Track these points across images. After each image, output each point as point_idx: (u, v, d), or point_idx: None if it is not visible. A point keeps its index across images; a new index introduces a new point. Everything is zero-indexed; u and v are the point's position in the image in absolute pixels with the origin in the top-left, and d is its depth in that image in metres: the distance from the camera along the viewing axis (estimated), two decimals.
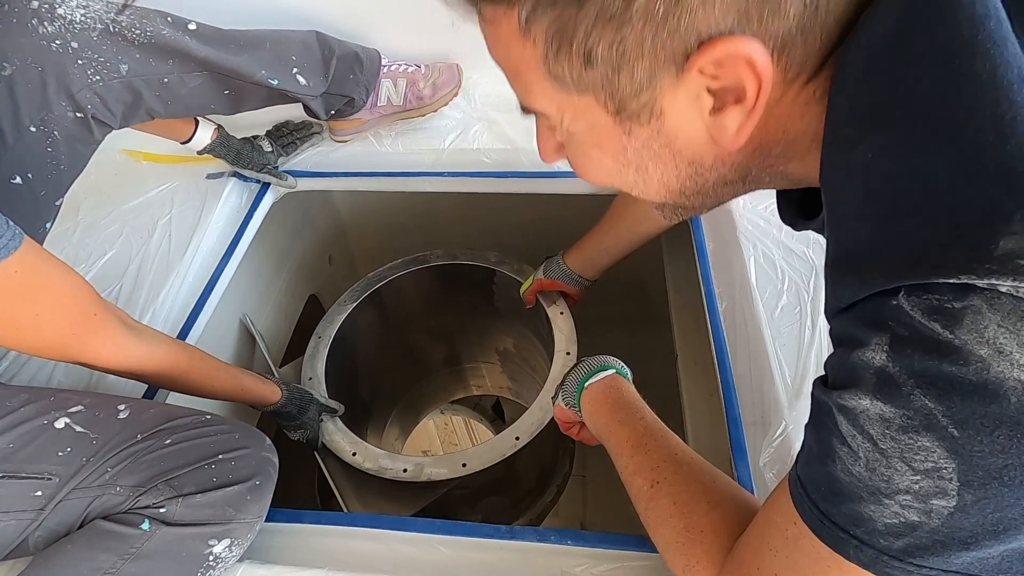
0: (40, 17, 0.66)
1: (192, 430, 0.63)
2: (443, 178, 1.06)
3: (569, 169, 1.09)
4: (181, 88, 0.76)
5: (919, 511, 0.31)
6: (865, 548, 0.34)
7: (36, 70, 0.65)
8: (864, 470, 0.32)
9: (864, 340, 0.31)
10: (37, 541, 0.57)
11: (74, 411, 0.61)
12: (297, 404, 0.87)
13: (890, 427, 0.30)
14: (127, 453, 0.59)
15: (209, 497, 0.59)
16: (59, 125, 0.68)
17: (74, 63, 0.67)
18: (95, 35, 0.68)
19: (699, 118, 0.35)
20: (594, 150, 0.40)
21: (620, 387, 0.66)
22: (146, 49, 0.72)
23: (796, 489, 0.38)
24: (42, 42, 0.65)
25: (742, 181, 0.41)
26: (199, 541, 0.58)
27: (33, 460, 0.57)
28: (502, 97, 1.12)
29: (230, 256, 1.02)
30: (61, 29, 0.66)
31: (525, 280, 1.06)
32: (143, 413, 0.63)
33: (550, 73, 0.35)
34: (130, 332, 0.64)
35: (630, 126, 0.37)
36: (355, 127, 1.04)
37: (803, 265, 0.81)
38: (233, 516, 0.60)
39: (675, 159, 0.38)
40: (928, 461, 0.30)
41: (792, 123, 0.36)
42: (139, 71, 0.71)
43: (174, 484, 0.58)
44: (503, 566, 0.62)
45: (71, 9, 0.68)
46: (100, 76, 0.69)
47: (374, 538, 0.65)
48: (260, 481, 0.62)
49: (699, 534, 0.50)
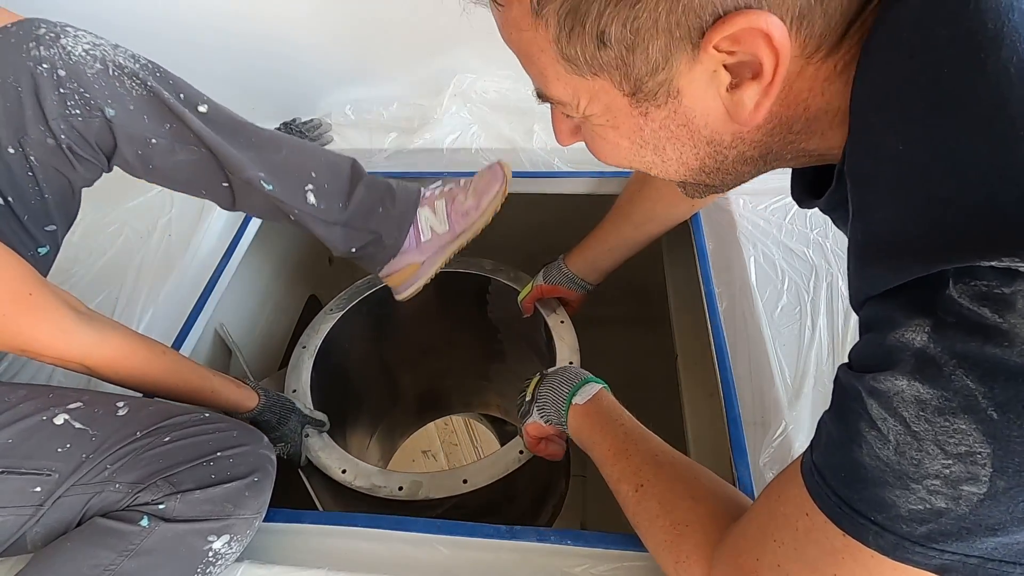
0: (39, 41, 0.64)
1: (190, 427, 0.63)
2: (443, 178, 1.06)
3: (569, 169, 1.09)
4: (169, 157, 0.70)
5: (947, 497, 0.30)
6: (886, 534, 0.33)
7: (15, 89, 0.63)
8: (893, 454, 0.31)
9: (902, 322, 0.31)
10: (35, 537, 0.57)
11: (73, 407, 0.61)
12: (276, 413, 0.81)
13: (925, 409, 0.30)
14: (126, 450, 0.59)
15: (207, 493, 0.58)
16: (36, 150, 0.65)
17: (55, 91, 0.64)
18: (91, 72, 0.65)
19: (716, 95, 0.34)
20: (610, 132, 0.40)
21: (601, 398, 0.67)
22: (143, 103, 0.68)
23: (812, 477, 0.37)
24: (29, 63, 0.63)
25: (762, 159, 0.40)
26: (198, 537, 0.58)
27: (32, 456, 0.57)
28: (502, 97, 1.13)
29: (230, 256, 1.02)
30: (54, 56, 0.64)
31: (522, 288, 1.02)
32: (142, 410, 0.63)
33: (563, 56, 0.35)
34: (76, 318, 0.60)
35: (646, 107, 0.36)
36: (412, 275, 0.87)
37: (803, 265, 0.81)
38: (232, 512, 0.59)
39: (693, 138, 0.38)
40: (963, 445, 0.29)
41: (813, 99, 0.35)
42: (125, 122, 0.67)
43: (172, 481, 0.58)
44: (503, 566, 0.62)
45: (75, 42, 0.66)
46: (80, 111, 0.65)
47: (374, 538, 0.65)
48: (259, 478, 0.62)
49: (685, 529, 0.50)
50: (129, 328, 0.67)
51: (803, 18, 0.31)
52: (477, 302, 1.17)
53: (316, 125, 1.12)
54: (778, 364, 0.72)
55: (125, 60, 0.68)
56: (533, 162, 1.03)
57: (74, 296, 0.64)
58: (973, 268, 0.28)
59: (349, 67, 1.14)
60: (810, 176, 0.45)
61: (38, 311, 0.57)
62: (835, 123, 0.36)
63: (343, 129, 1.15)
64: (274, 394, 0.83)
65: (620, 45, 0.33)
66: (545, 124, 1.06)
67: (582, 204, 1.03)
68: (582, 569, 0.60)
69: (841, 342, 0.73)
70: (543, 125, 1.06)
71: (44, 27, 0.65)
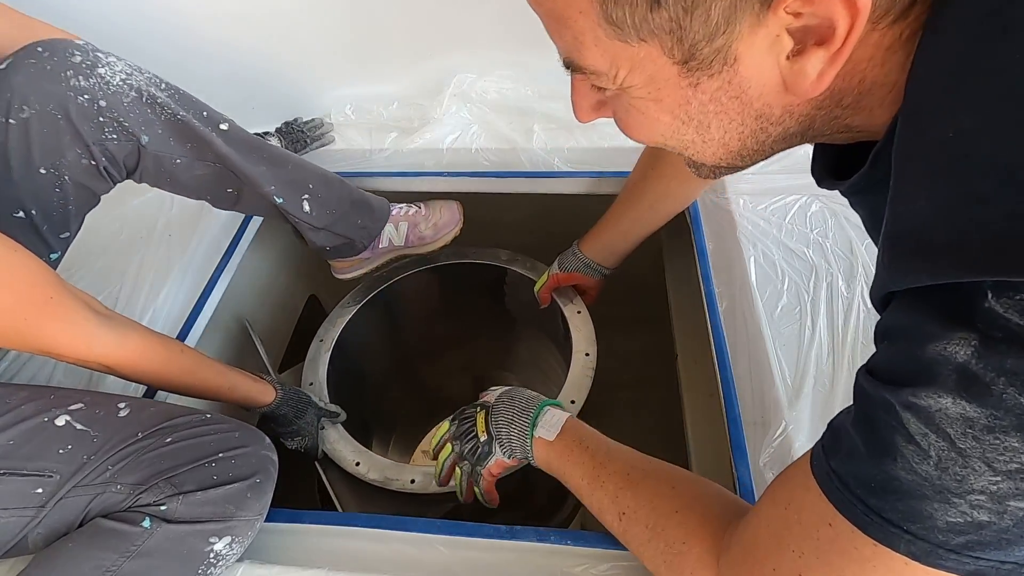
0: (77, 70, 0.67)
1: (192, 428, 0.63)
2: (443, 178, 1.06)
3: (569, 169, 1.09)
4: (188, 172, 0.77)
5: (991, 511, 0.29)
6: (919, 542, 0.32)
7: (55, 117, 0.66)
8: (933, 469, 0.30)
9: (939, 335, 0.29)
10: (36, 539, 0.57)
11: (74, 409, 0.61)
12: (293, 407, 0.83)
13: (973, 427, 0.28)
14: (127, 451, 0.59)
15: (209, 495, 0.59)
16: (71, 170, 0.69)
17: (95, 119, 0.68)
18: (127, 100, 0.70)
19: (775, 64, 0.32)
20: (651, 106, 0.36)
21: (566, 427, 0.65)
22: (170, 127, 0.73)
23: (832, 485, 0.36)
24: (69, 93, 0.66)
25: (802, 135, 0.38)
26: (200, 539, 0.58)
27: (34, 457, 0.57)
28: (502, 97, 1.13)
29: (230, 256, 1.02)
30: (94, 86, 0.68)
31: (539, 278, 1.00)
32: (143, 411, 0.63)
33: (607, 18, 0.31)
34: (96, 319, 0.60)
35: (698, 77, 0.33)
36: (355, 265, 1.02)
37: (803, 265, 0.81)
38: (234, 513, 0.60)
39: (743, 112, 0.35)
40: (1014, 462, 0.28)
41: (871, 70, 0.33)
42: (155, 145, 0.73)
43: (174, 482, 0.58)
44: (503, 566, 0.62)
45: (113, 72, 0.69)
46: (116, 136, 0.70)
47: (374, 538, 0.65)
48: (260, 479, 0.62)
49: (682, 547, 0.49)
50: (148, 328, 0.68)
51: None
52: (494, 294, 1.16)
53: (317, 125, 1.12)
54: (778, 364, 0.72)
55: (155, 89, 0.73)
56: (533, 162, 1.03)
57: (93, 296, 0.64)
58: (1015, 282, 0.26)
59: (349, 67, 1.14)
60: (833, 154, 0.43)
61: (59, 315, 0.58)
62: (886, 100, 0.33)
63: (343, 129, 1.15)
64: (291, 388, 0.84)
65: (677, 6, 0.29)
66: (545, 124, 1.06)
67: (582, 204, 1.03)
68: (582, 569, 0.60)
69: (841, 342, 0.73)
70: (543, 125, 1.06)
71: (79, 54, 0.67)
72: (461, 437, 0.70)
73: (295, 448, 0.86)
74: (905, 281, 0.31)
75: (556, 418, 0.65)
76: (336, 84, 1.16)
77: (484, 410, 0.70)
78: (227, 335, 1.07)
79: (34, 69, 0.65)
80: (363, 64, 1.14)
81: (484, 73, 1.14)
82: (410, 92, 1.17)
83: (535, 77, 1.12)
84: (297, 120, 1.12)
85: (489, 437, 0.67)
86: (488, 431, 0.68)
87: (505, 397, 0.70)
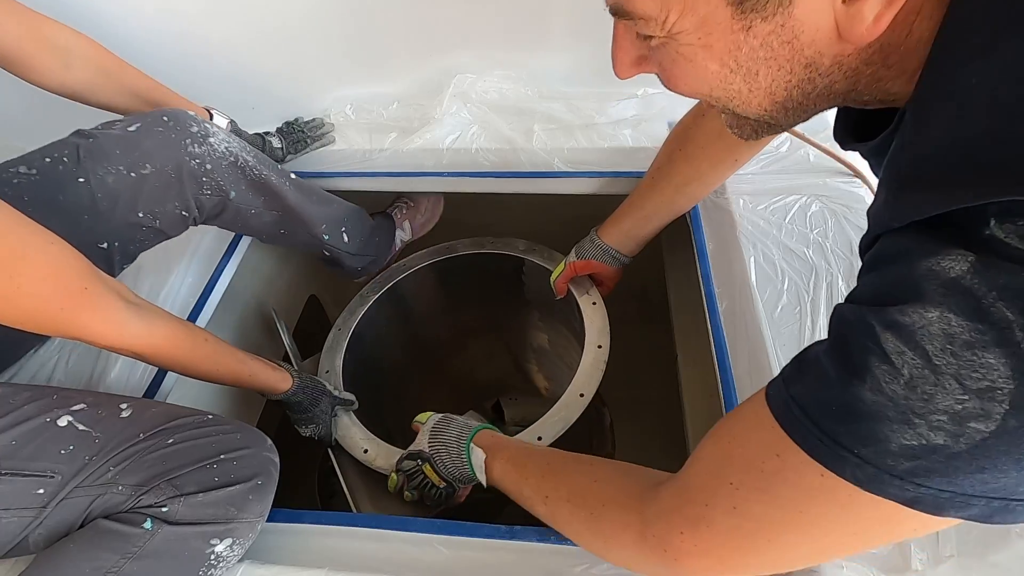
0: (193, 139, 0.79)
1: (194, 430, 0.63)
2: (443, 178, 1.06)
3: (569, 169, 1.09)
4: (258, 219, 0.89)
5: (948, 433, 0.29)
6: (866, 466, 0.32)
7: (170, 176, 0.77)
8: (902, 388, 0.30)
9: (935, 251, 0.29)
10: (37, 539, 0.57)
11: (76, 409, 0.61)
12: (309, 394, 0.85)
13: (953, 342, 0.29)
14: (129, 452, 0.59)
15: (211, 496, 0.59)
16: (165, 218, 0.79)
17: (199, 179, 0.80)
18: (224, 164, 0.82)
19: (830, 7, 0.32)
20: (700, 53, 0.36)
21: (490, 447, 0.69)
22: (253, 185, 0.86)
23: (789, 412, 0.36)
24: (185, 158, 0.78)
25: (845, 94, 0.38)
26: (201, 540, 0.58)
27: (36, 458, 0.57)
28: (502, 97, 1.13)
29: (230, 256, 1.02)
30: (204, 153, 0.80)
31: (555, 268, 0.99)
32: (145, 412, 0.63)
33: None
34: (127, 309, 0.62)
35: (751, 19, 0.33)
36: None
37: (803, 265, 0.81)
38: (235, 515, 0.60)
39: (792, 61, 0.35)
40: (985, 380, 0.28)
41: (919, 23, 0.33)
42: (240, 199, 0.85)
43: (176, 484, 0.58)
44: (503, 566, 0.62)
45: (219, 141, 0.82)
46: (211, 192, 0.82)
47: (374, 538, 0.65)
48: (262, 481, 0.62)
49: (602, 508, 0.51)
50: (174, 316, 0.69)
51: None
52: (513, 284, 1.16)
53: (317, 125, 1.12)
54: (778, 364, 0.72)
55: (245, 154, 0.85)
56: (533, 162, 1.03)
57: (124, 285, 0.66)
58: (1016, 204, 0.27)
59: (349, 67, 1.14)
60: (856, 118, 0.43)
61: (93, 305, 0.59)
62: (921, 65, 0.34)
63: (343, 129, 1.15)
64: (307, 376, 0.87)
65: None
66: (545, 124, 1.06)
67: (582, 204, 1.03)
68: (582, 569, 0.60)
69: None
70: (543, 125, 1.06)
71: (195, 126, 0.81)
72: (421, 488, 0.74)
73: (309, 435, 0.88)
74: (911, 214, 0.31)
75: (479, 460, 0.68)
76: (336, 84, 1.16)
77: (426, 462, 0.73)
78: (227, 336, 1.07)
79: (161, 136, 0.77)
80: (363, 64, 1.14)
81: (484, 73, 1.14)
82: (410, 92, 1.17)
83: (535, 77, 1.12)
84: (298, 120, 1.12)
85: (447, 482, 0.72)
86: (443, 479, 0.72)
87: (437, 444, 0.73)
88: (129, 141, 0.76)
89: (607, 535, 0.50)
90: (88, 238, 0.74)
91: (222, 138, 0.83)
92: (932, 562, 0.55)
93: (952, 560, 0.55)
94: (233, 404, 1.06)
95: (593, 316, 0.95)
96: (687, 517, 0.42)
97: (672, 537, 0.43)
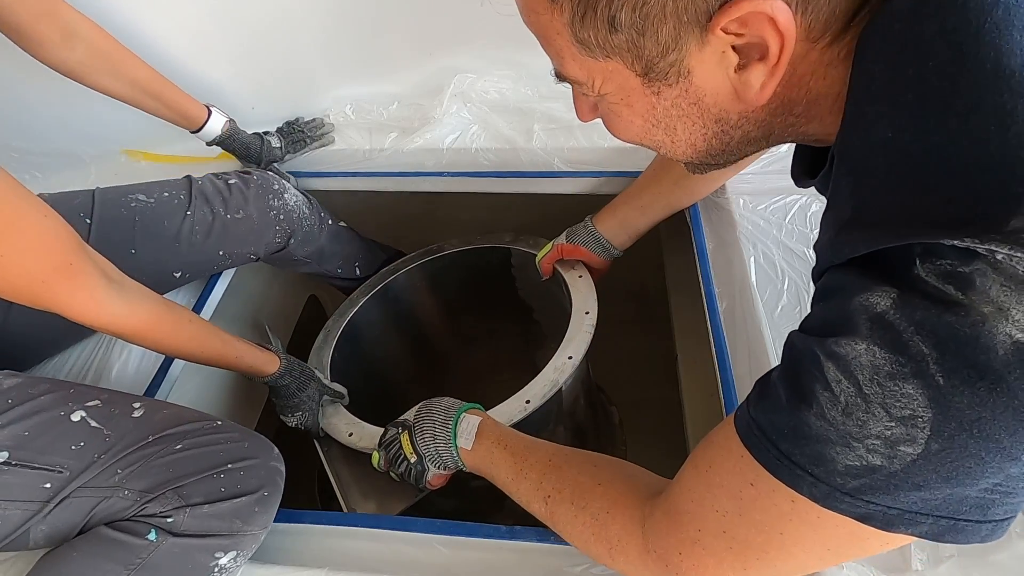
0: (274, 194, 0.94)
1: (203, 436, 0.63)
2: (443, 178, 1.06)
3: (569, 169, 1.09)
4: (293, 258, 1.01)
5: (883, 455, 0.32)
6: (820, 484, 0.35)
7: (254, 221, 0.91)
8: (840, 414, 0.33)
9: (868, 286, 0.32)
10: (38, 535, 0.57)
11: (91, 405, 0.61)
12: (297, 378, 0.83)
13: (879, 373, 0.31)
14: (138, 455, 0.59)
15: (216, 508, 0.58)
16: (238, 259, 0.92)
17: (274, 227, 0.93)
18: (295, 215, 0.96)
19: (725, 76, 0.36)
20: (624, 110, 0.41)
21: (482, 429, 0.66)
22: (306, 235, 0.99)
23: (751, 433, 0.39)
24: (267, 210, 0.93)
25: (765, 139, 0.42)
26: (205, 553, 0.58)
27: (47, 451, 0.57)
28: (502, 97, 1.12)
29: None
30: (280, 206, 0.94)
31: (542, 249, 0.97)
32: (157, 414, 0.63)
33: (577, 39, 0.37)
34: (109, 286, 0.61)
35: (658, 86, 0.38)
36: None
37: (803, 265, 0.81)
38: (240, 528, 0.59)
39: (703, 117, 0.40)
40: (907, 408, 0.31)
41: (815, 82, 0.37)
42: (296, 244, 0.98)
43: (182, 493, 0.58)
44: (503, 566, 0.62)
45: (291, 195, 0.96)
46: (280, 238, 0.95)
47: (374, 538, 0.65)
48: (268, 492, 0.62)
49: (606, 516, 0.51)
50: (158, 296, 0.68)
51: (808, 3, 0.32)
52: (503, 275, 1.15)
53: (318, 125, 1.12)
54: None
55: (303, 205, 0.99)
56: (533, 162, 1.03)
57: (110, 263, 0.65)
58: (937, 246, 0.30)
59: (349, 67, 1.14)
60: (808, 156, 0.47)
61: (76, 280, 0.58)
62: (834, 108, 0.37)
63: (343, 129, 1.15)
64: (295, 361, 0.85)
65: (631, 29, 0.34)
66: (545, 124, 1.06)
67: (582, 204, 1.03)
68: (582, 569, 0.60)
69: None
70: (543, 125, 1.06)
71: (277, 184, 0.95)
72: (393, 461, 0.70)
73: (295, 425, 0.85)
74: (848, 252, 0.34)
75: (470, 425, 0.66)
76: (336, 84, 1.16)
77: (406, 430, 0.70)
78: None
79: (254, 189, 0.92)
80: (363, 64, 1.14)
81: (484, 73, 1.14)
82: (410, 92, 1.17)
83: (535, 77, 1.12)
84: (298, 120, 1.12)
85: (419, 457, 0.68)
86: (416, 451, 0.68)
87: (424, 411, 0.70)
88: (231, 189, 0.91)
89: (612, 543, 0.50)
90: (171, 264, 0.86)
91: (293, 192, 0.98)
92: (932, 562, 0.55)
93: (952, 560, 0.55)
94: (235, 402, 1.05)
95: (580, 287, 0.92)
96: (682, 540, 0.44)
97: (671, 556, 0.45)
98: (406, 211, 1.27)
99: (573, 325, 0.88)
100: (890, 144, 0.32)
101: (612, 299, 1.04)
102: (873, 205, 0.33)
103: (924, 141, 0.31)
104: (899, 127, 0.32)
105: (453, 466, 0.68)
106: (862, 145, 0.34)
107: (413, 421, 0.70)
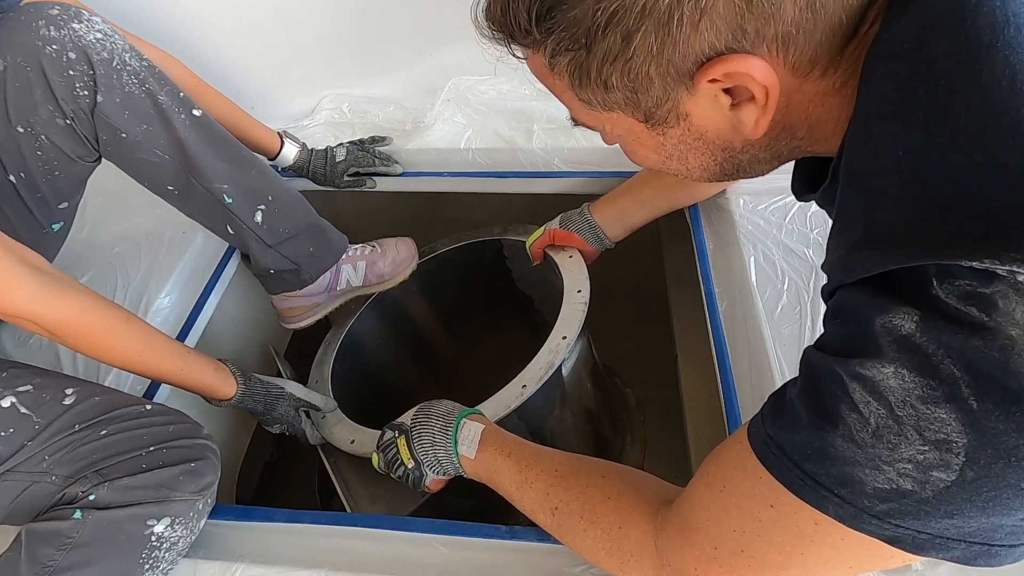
0: (50, 21, 0.65)
1: (129, 421, 0.62)
2: (443, 178, 1.06)
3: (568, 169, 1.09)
4: (148, 157, 0.73)
5: (915, 480, 0.32)
6: (847, 506, 0.35)
7: (25, 70, 0.65)
8: (870, 436, 0.32)
9: (885, 307, 0.32)
10: None
11: (22, 391, 0.60)
12: (260, 401, 0.77)
13: (910, 396, 0.31)
14: (64, 442, 0.59)
15: (137, 479, 0.58)
16: (47, 130, 0.68)
17: (64, 72, 0.66)
18: (97, 58, 0.67)
19: (721, 114, 0.38)
20: (638, 147, 0.45)
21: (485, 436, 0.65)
22: (130, 99, 0.70)
23: (769, 451, 0.38)
24: (38, 43, 0.64)
25: (776, 159, 0.44)
26: (136, 522, 0.58)
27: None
28: (500, 98, 1.13)
29: (228, 259, 1.02)
30: (64, 37, 0.65)
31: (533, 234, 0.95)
32: (87, 400, 0.62)
33: (580, 98, 0.40)
34: (26, 272, 0.56)
35: (662, 128, 0.41)
36: (307, 312, 0.96)
37: (803, 265, 0.81)
38: (167, 495, 0.59)
39: (709, 148, 0.42)
40: (941, 432, 0.30)
41: (813, 110, 0.39)
42: (108, 111, 0.69)
43: (102, 472, 0.58)
44: (503, 566, 0.62)
45: (88, 28, 0.67)
46: (87, 92, 0.68)
47: (374, 538, 0.65)
48: (195, 465, 0.62)
49: (618, 531, 0.51)
50: (96, 293, 0.62)
51: (787, 44, 0.34)
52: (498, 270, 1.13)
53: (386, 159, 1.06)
54: (778, 364, 0.72)
55: (129, 57, 0.70)
56: (533, 162, 1.03)
57: (40, 256, 0.61)
58: (953, 267, 0.29)
59: (346, 67, 1.14)
60: (810, 171, 0.48)
61: None
62: (838, 130, 0.39)
63: (339, 128, 1.15)
64: (257, 382, 0.78)
65: (624, 89, 0.37)
66: (544, 124, 1.07)
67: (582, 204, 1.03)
68: (582, 569, 0.60)
69: None
70: (542, 125, 1.06)
71: (57, 9, 0.66)
72: (390, 465, 0.68)
73: (280, 433, 0.83)
74: (856, 273, 0.34)
75: (473, 432, 0.64)
76: (333, 84, 1.16)
77: (403, 435, 0.68)
78: (228, 334, 1.07)
79: (12, 22, 0.64)
80: (361, 65, 1.14)
81: (483, 74, 1.14)
82: (407, 93, 1.17)
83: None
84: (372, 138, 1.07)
85: (416, 463, 0.66)
86: (413, 457, 0.66)
87: (421, 416, 0.68)
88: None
89: (625, 557, 0.50)
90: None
91: (98, 28, 0.68)
92: (932, 562, 0.55)
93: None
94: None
95: (571, 267, 0.90)
96: (698, 557, 0.44)
97: (687, 571, 0.45)
98: (406, 212, 1.27)
99: (566, 305, 0.86)
100: (901, 162, 0.32)
101: (612, 299, 1.04)
102: (884, 224, 0.33)
103: (936, 159, 0.31)
104: (910, 145, 0.32)
105: (453, 472, 0.67)
106: (872, 164, 0.34)
107: (410, 426, 0.68)
